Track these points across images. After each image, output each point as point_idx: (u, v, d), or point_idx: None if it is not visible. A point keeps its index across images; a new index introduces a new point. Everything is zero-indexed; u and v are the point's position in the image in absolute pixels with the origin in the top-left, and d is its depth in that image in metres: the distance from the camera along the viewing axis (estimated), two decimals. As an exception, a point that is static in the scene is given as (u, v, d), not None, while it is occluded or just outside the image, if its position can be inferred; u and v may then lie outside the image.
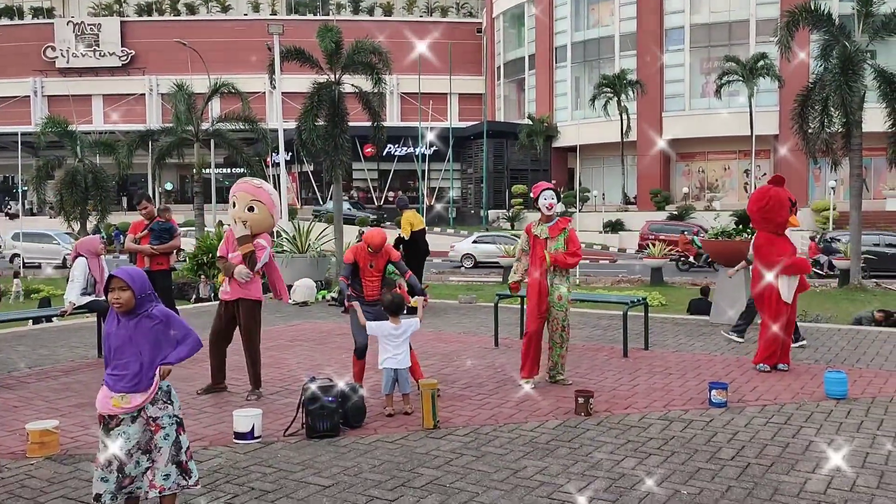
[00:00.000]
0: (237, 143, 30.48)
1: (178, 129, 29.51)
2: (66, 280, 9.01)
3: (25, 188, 46.60)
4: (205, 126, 29.99)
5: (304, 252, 15.62)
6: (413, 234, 12.34)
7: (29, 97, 58.36)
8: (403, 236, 12.29)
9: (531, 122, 47.36)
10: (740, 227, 11.29)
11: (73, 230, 28.94)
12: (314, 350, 9.28)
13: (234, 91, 28.84)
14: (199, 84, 33.30)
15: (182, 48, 43.60)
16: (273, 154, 34.78)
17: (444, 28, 57.78)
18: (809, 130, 20.37)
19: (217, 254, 7.35)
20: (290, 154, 36.86)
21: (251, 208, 6.77)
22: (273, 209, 6.93)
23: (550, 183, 7.92)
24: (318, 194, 51.72)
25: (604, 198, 42.94)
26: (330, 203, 45.72)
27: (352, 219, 41.31)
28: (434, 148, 49.14)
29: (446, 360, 8.48)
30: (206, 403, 6.76)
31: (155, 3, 60.51)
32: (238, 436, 5.61)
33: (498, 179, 49.39)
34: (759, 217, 7.93)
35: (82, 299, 8.71)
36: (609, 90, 42.57)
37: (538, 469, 4.99)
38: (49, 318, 11.91)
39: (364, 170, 51.56)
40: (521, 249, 7.33)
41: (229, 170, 50.70)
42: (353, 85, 20.56)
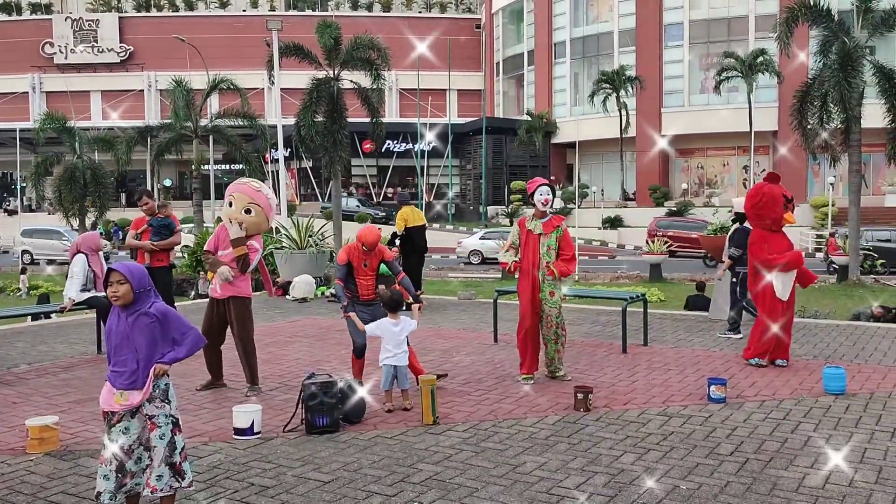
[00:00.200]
0: (236, 140, 30.46)
1: (177, 126, 29.50)
2: (66, 276, 9.01)
3: (24, 184, 46.54)
4: (203, 122, 29.96)
5: (304, 248, 15.61)
6: (409, 231, 12.32)
7: (27, 93, 58.27)
8: (397, 231, 12.30)
9: (530, 118, 47.31)
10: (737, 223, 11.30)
11: (72, 226, 28.92)
12: (313, 346, 9.29)
13: (232, 87, 28.81)
14: (198, 80, 33.27)
15: (181, 44, 43.52)
16: (272, 150, 34.77)
17: (442, 24, 57.69)
18: (808, 126, 20.37)
19: (204, 247, 7.34)
20: (289, 150, 36.78)
21: (248, 210, 6.78)
22: (270, 212, 6.95)
23: (546, 179, 7.91)
24: (316, 191, 51.67)
25: (603, 194, 42.90)
26: (342, 200, 45.75)
27: (360, 216, 41.15)
28: (433, 144, 49.11)
29: (445, 356, 8.49)
30: (206, 399, 6.77)
31: (153, -2, 60.48)
32: (238, 432, 5.62)
33: (497, 175, 49.36)
34: (753, 214, 7.96)
35: (81, 295, 8.72)
36: (608, 86, 42.54)
37: (537, 464, 5.00)
38: (48, 315, 11.94)
39: (363, 166, 51.50)
40: (512, 244, 7.22)
41: (228, 166, 50.71)
42: (351, 81, 20.57)
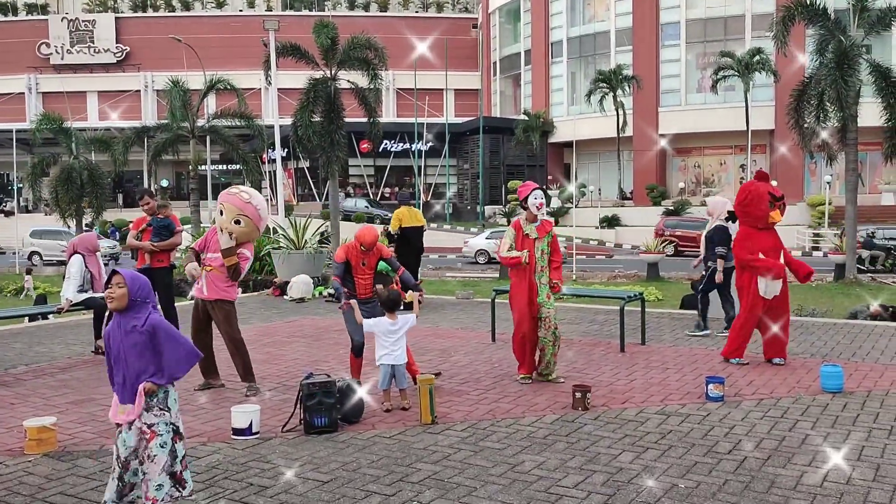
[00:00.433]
0: (233, 140, 30.43)
1: (174, 126, 29.46)
2: (63, 277, 9.00)
3: (20, 185, 46.46)
4: (200, 122, 29.94)
5: (301, 248, 15.60)
6: (405, 231, 12.31)
7: (23, 94, 58.20)
8: (391, 231, 12.30)
9: (527, 118, 47.31)
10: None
11: (69, 227, 28.88)
12: (311, 346, 9.29)
13: (229, 87, 28.79)
14: (195, 80, 33.23)
15: (177, 44, 43.50)
16: (269, 150, 34.78)
17: (439, 24, 57.68)
18: (805, 125, 20.38)
19: (192, 244, 7.42)
20: (287, 150, 36.76)
21: (238, 221, 6.86)
22: (259, 223, 7.03)
23: (544, 179, 7.93)
24: (314, 191, 51.66)
25: (600, 193, 42.94)
26: (350, 200, 45.76)
27: (369, 217, 40.97)
28: (430, 144, 49.10)
29: (443, 356, 8.49)
30: (204, 400, 6.77)
31: (150, -1, 60.41)
32: (236, 432, 5.62)
33: (494, 175, 49.36)
34: (740, 211, 8.06)
35: (79, 296, 8.72)
36: (605, 85, 42.56)
37: (536, 463, 5.00)
38: (45, 316, 11.92)
39: (360, 166, 51.50)
40: (510, 247, 7.11)
41: (225, 166, 50.73)
42: (349, 81, 20.55)
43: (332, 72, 20.19)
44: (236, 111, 28.87)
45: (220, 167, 50.90)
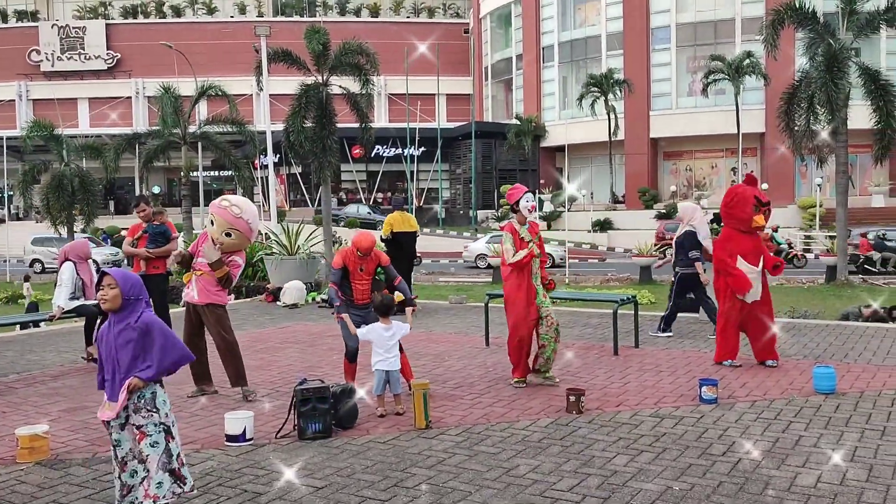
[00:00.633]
0: (225, 146, 30.40)
1: (165, 132, 29.42)
2: (54, 285, 8.97)
3: (11, 192, 46.25)
4: (192, 129, 29.90)
5: (294, 254, 15.59)
6: (396, 236, 12.32)
7: (14, 101, 57.98)
8: (382, 236, 12.31)
9: (519, 122, 47.40)
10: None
11: (60, 235, 28.77)
12: (305, 352, 9.27)
13: (221, 93, 28.76)
14: (186, 87, 33.19)
15: (168, 51, 43.40)
16: (261, 156, 34.68)
17: (431, 29, 57.74)
18: (796, 128, 20.48)
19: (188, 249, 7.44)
20: (279, 156, 36.72)
21: (228, 234, 6.87)
22: (250, 234, 7.04)
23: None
24: (306, 196, 51.61)
25: (592, 197, 43.01)
26: (352, 207, 45.59)
27: (370, 223, 40.64)
28: (422, 149, 49.11)
29: (437, 361, 8.48)
30: (197, 406, 6.74)
31: (140, 5, 60.21)
32: (230, 438, 5.60)
33: (486, 180, 49.42)
34: (725, 213, 8.14)
35: (70, 304, 8.68)
36: (596, 89, 42.67)
37: (531, 467, 5.00)
38: (37, 323, 11.86)
39: (352, 171, 51.48)
40: (514, 250, 7.07)
41: (217, 172, 50.59)
42: (340, 86, 20.54)
43: (324, 77, 20.18)
44: (228, 117, 28.84)
45: (212, 173, 50.75)
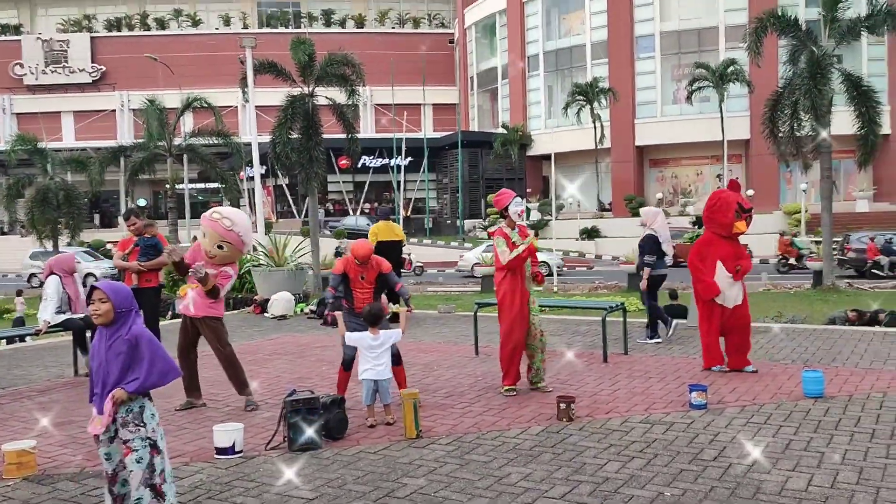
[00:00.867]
0: (210, 158, 30.35)
1: (151, 145, 29.36)
2: (39, 299, 8.90)
3: (-5, 207, 45.92)
4: (177, 141, 29.85)
5: (282, 265, 15.54)
6: (380, 245, 12.33)
7: (-3, 115, 57.66)
8: None
9: (505, 132, 47.49)
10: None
11: (45, 249, 28.60)
12: (294, 363, 9.23)
13: (206, 105, 28.74)
14: (171, 99, 33.16)
15: (153, 63, 43.32)
16: (247, 168, 34.64)
17: (416, 39, 57.89)
18: (780, 134, 20.63)
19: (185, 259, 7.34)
20: (265, 167, 36.65)
21: (220, 247, 6.86)
22: (242, 246, 7.03)
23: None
24: (293, 208, 51.48)
25: (579, 205, 43.14)
26: (351, 219, 45.40)
27: (362, 233, 40.52)
28: (409, 159, 49.12)
29: (427, 370, 8.46)
30: (186, 419, 6.70)
31: (125, 18, 60.04)
32: (219, 451, 5.56)
33: (473, 189, 49.46)
34: (706, 217, 8.20)
35: (56, 318, 8.61)
36: (582, 98, 42.83)
37: (522, 475, 4.99)
38: (23, 338, 11.76)
39: (339, 182, 51.41)
40: (508, 251, 7.09)
41: (203, 184, 50.43)
42: (326, 97, 20.53)
43: (310, 88, 20.16)
44: (213, 129, 28.80)
45: (198, 185, 50.58)
